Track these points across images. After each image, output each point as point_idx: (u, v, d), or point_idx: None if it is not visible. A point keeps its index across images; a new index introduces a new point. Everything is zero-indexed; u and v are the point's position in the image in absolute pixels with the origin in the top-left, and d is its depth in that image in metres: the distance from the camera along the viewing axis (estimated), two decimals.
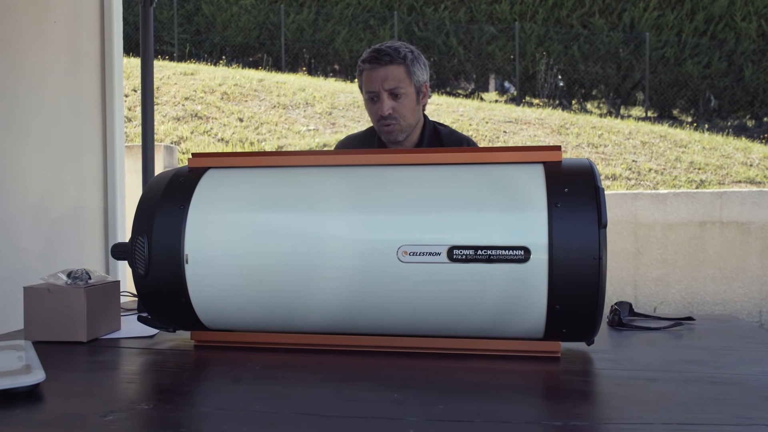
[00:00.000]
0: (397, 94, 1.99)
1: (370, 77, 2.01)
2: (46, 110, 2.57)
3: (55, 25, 2.61)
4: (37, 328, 1.47)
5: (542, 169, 1.28)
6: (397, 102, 2.00)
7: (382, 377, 1.20)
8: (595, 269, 1.18)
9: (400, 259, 1.24)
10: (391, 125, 2.02)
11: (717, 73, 12.41)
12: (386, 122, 2.01)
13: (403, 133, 2.04)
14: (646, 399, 1.05)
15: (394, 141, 2.06)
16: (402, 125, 2.03)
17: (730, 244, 5.43)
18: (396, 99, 2.00)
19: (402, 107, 2.01)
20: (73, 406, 1.04)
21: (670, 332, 1.56)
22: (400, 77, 1.99)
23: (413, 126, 2.07)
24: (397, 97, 2.00)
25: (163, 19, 13.81)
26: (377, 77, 1.99)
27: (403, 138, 2.05)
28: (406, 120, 2.03)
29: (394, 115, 2.00)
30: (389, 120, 2.01)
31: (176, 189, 1.37)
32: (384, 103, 1.99)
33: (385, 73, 1.98)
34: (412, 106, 2.04)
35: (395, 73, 1.99)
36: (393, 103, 1.99)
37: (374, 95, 2.01)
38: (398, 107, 2.00)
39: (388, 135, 2.04)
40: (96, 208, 2.82)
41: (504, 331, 1.29)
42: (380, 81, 1.98)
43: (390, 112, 1.99)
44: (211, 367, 1.32)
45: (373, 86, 2.00)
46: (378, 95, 2.00)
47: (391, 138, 2.05)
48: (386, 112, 1.99)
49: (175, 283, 1.32)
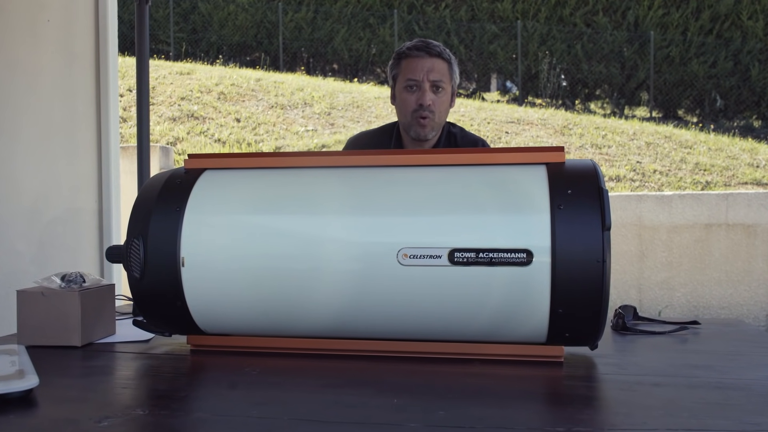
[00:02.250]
0: (438, 87, 2.03)
1: (415, 65, 2.02)
2: (40, 110, 2.57)
3: (48, 23, 2.62)
4: (31, 333, 1.47)
5: (545, 171, 1.28)
6: (437, 96, 2.03)
7: (382, 382, 1.20)
8: (599, 272, 1.18)
9: (400, 262, 1.24)
10: (428, 118, 2.03)
11: (723, 73, 12.43)
12: (424, 113, 2.02)
13: (434, 130, 2.07)
14: (650, 404, 1.05)
15: (423, 137, 2.07)
16: (436, 121, 2.06)
17: (736, 247, 5.44)
18: (436, 92, 2.03)
19: (440, 102, 2.05)
20: (67, 411, 1.04)
21: (675, 336, 1.56)
22: (443, 72, 2.04)
23: (441, 126, 2.10)
24: (438, 90, 2.03)
25: (159, 18, 13.82)
26: (423, 66, 2.01)
27: (432, 135, 2.08)
28: (441, 117, 2.07)
29: (432, 108, 2.03)
30: (427, 112, 2.02)
31: (172, 191, 1.37)
32: (426, 93, 2.01)
33: (432, 64, 2.02)
34: (446, 105, 2.08)
35: (441, 66, 2.03)
36: (434, 96, 2.02)
37: (416, 84, 2.03)
38: (437, 101, 2.03)
39: (422, 128, 2.05)
40: (90, 210, 2.82)
41: (506, 336, 1.29)
42: (426, 71, 2.01)
43: (430, 103, 2.02)
44: (208, 372, 1.32)
45: (417, 74, 2.02)
46: (420, 85, 2.02)
47: (422, 133, 2.06)
48: (428, 102, 2.01)
49: (171, 287, 1.32)
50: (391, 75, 2.12)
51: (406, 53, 2.05)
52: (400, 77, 2.06)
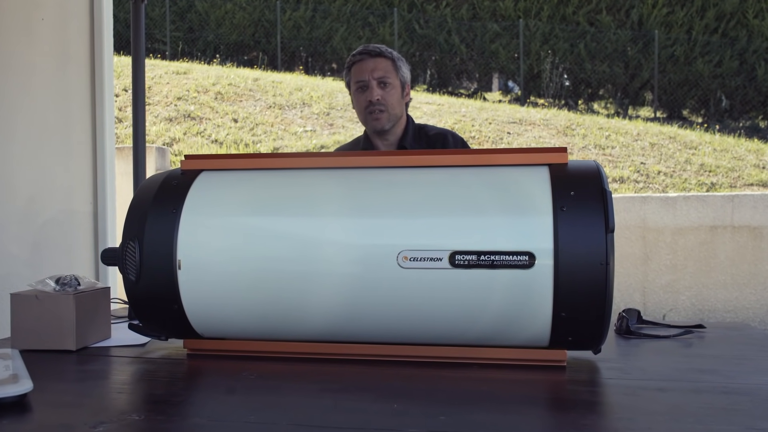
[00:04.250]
0: (385, 83, 2.23)
1: (359, 68, 2.25)
2: (34, 110, 2.57)
3: (42, 22, 2.62)
4: (25, 336, 1.47)
5: (547, 172, 1.28)
6: (384, 91, 2.23)
7: (382, 387, 1.20)
8: (603, 275, 1.18)
9: (400, 265, 1.24)
10: (380, 111, 2.22)
11: (728, 72, 12.43)
12: (374, 108, 2.22)
13: (390, 121, 2.25)
14: (655, 410, 1.05)
15: (381, 128, 2.25)
16: (389, 114, 2.24)
17: (741, 250, 5.44)
18: (384, 88, 2.23)
19: (389, 96, 2.23)
20: (61, 416, 1.04)
21: (679, 340, 1.56)
22: (387, 68, 2.24)
23: (399, 117, 2.29)
24: (385, 86, 2.23)
25: (155, 17, 13.82)
26: (367, 67, 2.23)
27: (389, 126, 2.26)
28: (393, 109, 2.25)
29: (382, 102, 2.22)
30: (377, 106, 2.22)
31: (168, 192, 1.37)
32: (373, 90, 2.22)
33: (374, 64, 2.23)
34: (397, 97, 2.27)
35: (383, 64, 2.24)
36: (381, 91, 2.22)
37: (363, 84, 2.23)
38: (386, 95, 2.23)
39: (375, 122, 2.24)
40: (85, 212, 2.82)
41: (508, 340, 1.29)
42: (370, 71, 2.22)
43: (378, 98, 2.21)
44: (205, 377, 1.32)
45: (363, 75, 2.23)
46: (367, 84, 2.23)
47: (377, 126, 2.24)
48: (375, 98, 2.21)
49: (167, 290, 1.32)
50: (346, 84, 2.34)
51: (352, 59, 2.28)
52: (352, 83, 2.28)
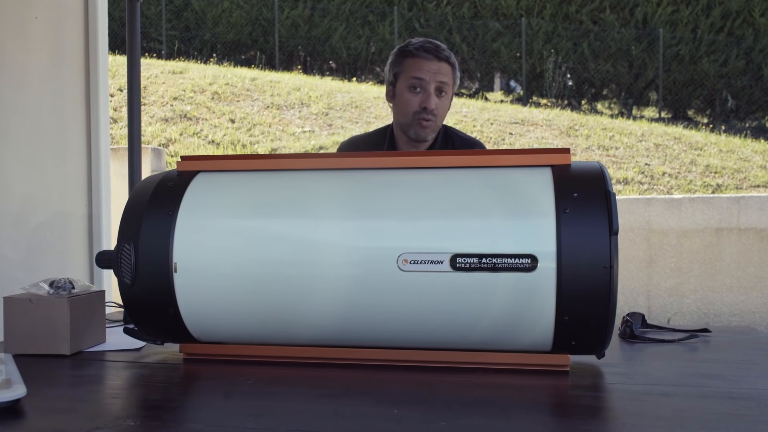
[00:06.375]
0: (442, 91, 2.08)
1: (422, 65, 2.05)
2: (27, 110, 2.57)
3: (36, 21, 2.62)
4: (18, 341, 1.47)
5: (550, 173, 1.28)
6: (440, 99, 2.08)
7: (382, 392, 1.21)
8: (606, 278, 1.18)
9: (400, 268, 1.24)
10: (431, 121, 2.07)
11: (734, 72, 12.44)
12: (427, 116, 2.06)
13: (434, 132, 2.12)
14: (659, 415, 1.05)
15: (423, 138, 2.11)
16: (436, 124, 2.11)
17: (748, 252, 5.43)
18: (440, 96, 2.08)
19: (442, 106, 2.10)
20: (55, 422, 1.04)
21: (685, 345, 1.57)
22: (448, 76, 2.09)
23: (438, 129, 2.15)
24: (441, 94, 2.08)
25: (151, 15, 13.83)
26: (431, 68, 2.05)
27: (432, 138, 2.13)
28: (441, 120, 2.12)
29: (436, 111, 2.07)
30: (430, 115, 2.06)
31: (164, 194, 1.37)
32: (431, 96, 2.05)
33: (439, 67, 2.06)
34: (446, 110, 2.13)
35: (446, 70, 2.08)
36: (437, 99, 2.07)
37: (421, 84, 2.05)
38: (440, 105, 2.08)
39: (423, 130, 2.08)
40: (80, 214, 2.82)
41: (510, 344, 1.29)
42: (433, 73, 2.05)
43: (434, 107, 2.06)
44: (201, 382, 1.32)
45: (424, 74, 2.05)
46: (425, 86, 2.05)
47: (423, 134, 2.09)
48: (432, 105, 2.05)
49: (163, 293, 1.32)
50: (392, 72, 2.13)
51: (413, 53, 2.07)
52: (404, 75, 2.08)
